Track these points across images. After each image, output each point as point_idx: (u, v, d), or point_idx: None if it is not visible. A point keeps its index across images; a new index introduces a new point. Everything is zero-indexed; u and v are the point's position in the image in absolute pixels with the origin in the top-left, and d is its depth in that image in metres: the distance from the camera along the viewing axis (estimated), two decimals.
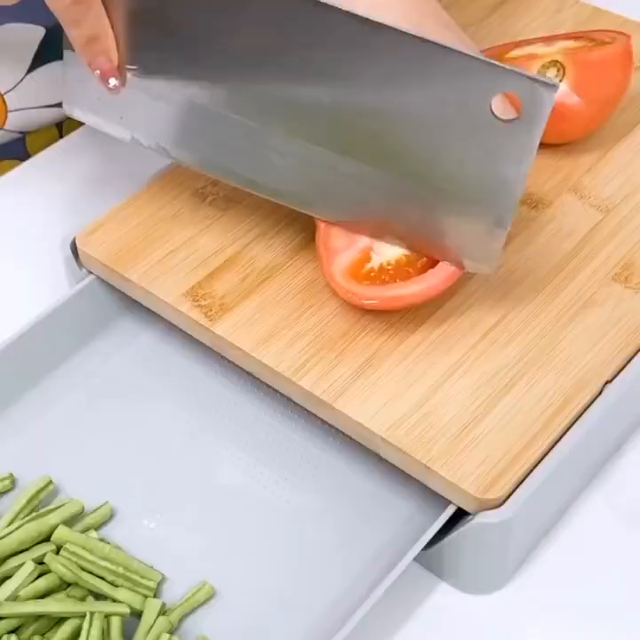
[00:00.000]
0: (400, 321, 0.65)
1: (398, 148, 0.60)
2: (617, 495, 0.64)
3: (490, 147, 0.57)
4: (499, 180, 0.58)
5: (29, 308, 0.70)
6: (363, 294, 0.63)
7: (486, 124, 0.57)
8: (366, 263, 0.64)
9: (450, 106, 0.57)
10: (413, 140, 0.60)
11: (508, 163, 0.58)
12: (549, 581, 0.61)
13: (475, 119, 0.57)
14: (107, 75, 0.63)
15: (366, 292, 0.63)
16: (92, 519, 0.62)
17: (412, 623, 0.60)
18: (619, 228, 0.69)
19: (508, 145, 0.57)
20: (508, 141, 0.57)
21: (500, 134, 0.57)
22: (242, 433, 0.67)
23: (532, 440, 0.59)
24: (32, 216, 0.80)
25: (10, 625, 0.57)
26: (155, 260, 0.69)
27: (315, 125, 0.62)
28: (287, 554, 0.62)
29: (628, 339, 0.63)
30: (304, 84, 0.61)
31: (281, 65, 0.61)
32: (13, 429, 0.68)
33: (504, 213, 0.59)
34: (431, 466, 0.58)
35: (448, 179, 0.60)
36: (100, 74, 0.63)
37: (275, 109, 0.63)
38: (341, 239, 0.65)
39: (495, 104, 0.56)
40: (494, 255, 0.61)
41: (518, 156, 0.57)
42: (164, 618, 0.58)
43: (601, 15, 0.83)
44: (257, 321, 0.66)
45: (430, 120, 0.59)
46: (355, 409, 0.61)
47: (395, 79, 0.58)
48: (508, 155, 0.57)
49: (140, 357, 0.71)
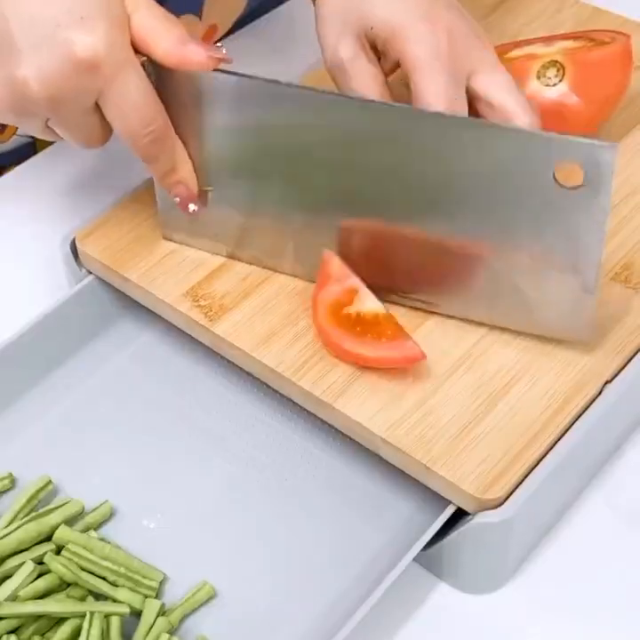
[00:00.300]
0: (400, 321, 0.65)
1: (475, 231, 0.61)
2: (617, 495, 0.64)
3: (561, 216, 0.58)
4: (577, 247, 0.59)
5: (29, 308, 0.70)
6: (335, 339, 0.63)
7: (553, 194, 0.57)
8: (347, 305, 0.63)
9: (516, 182, 0.58)
10: (487, 223, 0.60)
11: (582, 229, 0.58)
12: (549, 581, 0.61)
13: (542, 191, 0.57)
14: (185, 202, 0.66)
15: (331, 334, 0.63)
16: (92, 518, 0.62)
17: (412, 623, 0.60)
18: (619, 228, 0.69)
19: (579, 211, 0.57)
20: (579, 206, 0.57)
21: (570, 202, 0.57)
22: (242, 433, 0.67)
23: (531, 440, 0.59)
24: (32, 216, 0.80)
25: (10, 625, 0.57)
26: (154, 260, 0.69)
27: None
28: (287, 554, 0.62)
29: (627, 339, 0.63)
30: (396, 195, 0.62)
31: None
32: (13, 429, 0.68)
33: (589, 278, 0.59)
34: (431, 466, 0.58)
35: (527, 254, 0.60)
36: (180, 201, 0.66)
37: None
38: (338, 269, 0.64)
39: (558, 173, 0.57)
40: (588, 323, 0.61)
41: (592, 221, 0.57)
42: (164, 618, 0.58)
43: (601, 15, 0.83)
44: (257, 321, 0.66)
45: (501, 199, 0.59)
46: (354, 409, 0.61)
47: (462, 165, 0.59)
48: (580, 221, 0.58)
49: (139, 357, 0.71)
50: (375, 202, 0.62)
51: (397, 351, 0.62)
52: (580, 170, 0.56)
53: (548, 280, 0.61)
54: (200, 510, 0.64)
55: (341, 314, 0.63)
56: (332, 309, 0.64)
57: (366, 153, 0.61)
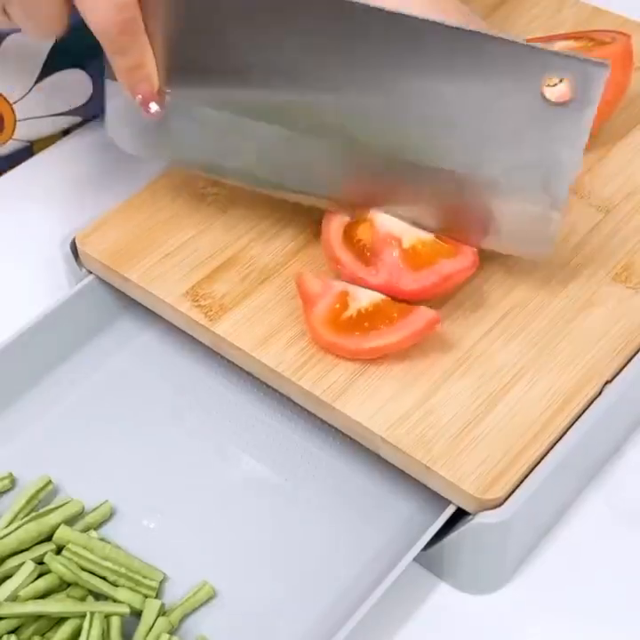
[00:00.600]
0: None
1: (453, 134, 0.61)
2: (617, 495, 0.64)
3: (543, 130, 0.58)
4: (553, 163, 0.59)
5: (29, 308, 0.70)
6: (343, 346, 0.63)
7: (539, 109, 0.58)
8: (344, 311, 0.63)
9: (503, 92, 0.58)
10: (467, 126, 0.60)
11: (562, 145, 0.58)
12: (549, 581, 0.61)
13: (527, 104, 0.58)
14: (148, 100, 0.64)
15: (347, 344, 0.62)
16: (92, 518, 0.62)
17: (412, 623, 0.60)
18: (619, 228, 0.69)
19: (562, 128, 0.58)
20: (562, 124, 0.58)
21: (553, 118, 0.58)
22: (242, 433, 0.67)
23: (532, 440, 0.59)
24: (32, 216, 0.80)
25: (10, 625, 0.57)
26: (154, 259, 0.69)
27: (367, 120, 0.62)
28: (287, 554, 0.62)
29: (627, 339, 0.63)
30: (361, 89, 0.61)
31: (327, 74, 0.61)
32: (13, 429, 0.68)
33: (559, 196, 0.60)
34: (431, 466, 0.58)
35: (503, 164, 0.60)
36: (142, 99, 0.64)
37: (321, 119, 0.63)
38: (317, 284, 0.64)
39: (546, 88, 0.57)
40: (550, 239, 0.62)
41: (572, 139, 0.58)
42: (164, 618, 0.58)
43: (601, 15, 0.83)
44: (257, 321, 0.66)
45: (484, 107, 0.59)
46: (354, 409, 0.61)
47: (447, 69, 0.59)
48: (561, 137, 0.58)
49: (139, 357, 0.71)
50: (351, 110, 0.62)
51: (417, 323, 0.62)
52: (568, 85, 0.56)
53: (517, 197, 0.61)
54: (200, 510, 0.64)
55: (341, 321, 0.63)
56: (331, 323, 0.63)
57: (348, 57, 0.60)
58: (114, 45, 0.61)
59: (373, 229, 0.65)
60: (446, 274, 0.63)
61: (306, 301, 0.64)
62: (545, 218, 0.61)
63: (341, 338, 0.63)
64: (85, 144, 0.85)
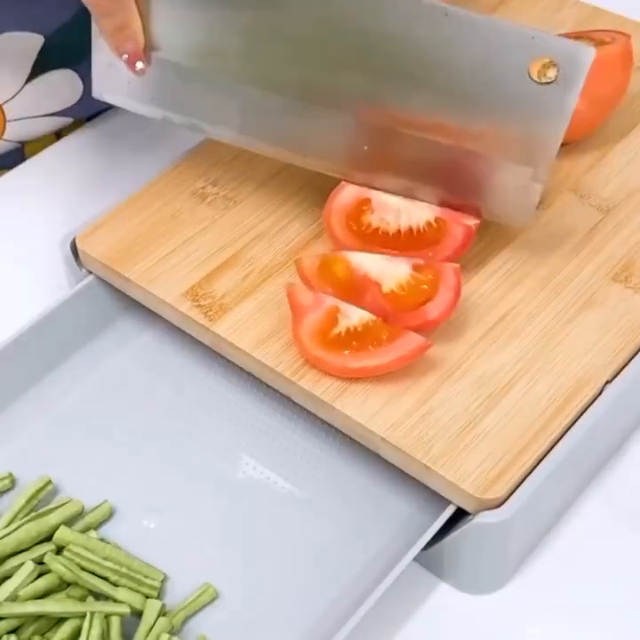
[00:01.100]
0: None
1: (439, 103, 0.63)
2: (617, 495, 0.64)
3: (528, 107, 0.61)
4: (537, 138, 0.61)
5: (29, 307, 0.70)
6: (329, 362, 0.62)
7: (525, 86, 0.60)
8: (333, 327, 0.63)
9: (491, 69, 0.61)
10: (455, 96, 0.62)
11: (546, 122, 0.61)
12: (549, 581, 0.61)
13: (514, 81, 0.60)
14: (133, 59, 0.65)
15: (333, 361, 0.62)
16: (92, 517, 0.62)
17: (412, 623, 0.60)
18: (619, 228, 0.69)
19: (546, 106, 0.60)
20: (546, 102, 0.60)
21: (539, 95, 0.60)
22: (242, 433, 0.67)
23: (531, 440, 0.59)
24: (32, 216, 0.80)
25: (10, 625, 0.57)
26: (154, 259, 0.69)
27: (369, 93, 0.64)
28: (287, 553, 0.62)
29: (627, 338, 0.63)
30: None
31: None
32: (13, 429, 0.68)
33: (541, 168, 0.62)
34: (431, 466, 0.58)
35: (489, 136, 0.63)
36: (128, 58, 0.65)
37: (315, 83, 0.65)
38: (308, 296, 0.64)
39: (532, 68, 0.59)
40: (530, 208, 0.64)
41: (555, 116, 0.60)
42: (165, 618, 0.58)
43: (601, 15, 0.83)
44: (257, 321, 0.66)
45: (473, 81, 0.62)
46: (354, 409, 0.61)
47: (439, 43, 0.61)
48: (545, 115, 0.61)
49: (139, 357, 0.71)
50: (342, 85, 0.64)
51: (404, 348, 0.61)
52: (554, 66, 0.59)
53: (501, 168, 0.63)
54: (200, 510, 0.64)
55: (330, 337, 0.62)
56: (319, 338, 0.62)
57: (340, 35, 0.62)
58: (100, 6, 0.62)
59: (350, 269, 0.64)
60: (431, 319, 0.63)
61: (295, 313, 0.64)
62: (526, 188, 0.64)
63: (328, 354, 0.62)
64: (85, 144, 0.85)
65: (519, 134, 0.62)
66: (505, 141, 0.62)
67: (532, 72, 0.59)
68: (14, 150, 0.86)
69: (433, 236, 0.66)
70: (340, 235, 0.66)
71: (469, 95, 0.62)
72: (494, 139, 0.63)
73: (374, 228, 0.66)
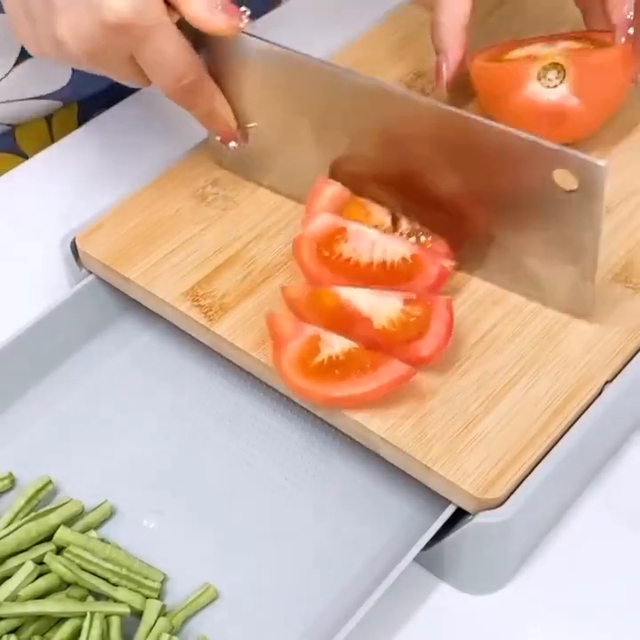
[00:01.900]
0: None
1: (483, 223, 0.65)
2: (617, 495, 0.64)
3: (560, 214, 0.62)
4: (575, 243, 0.62)
5: (29, 307, 0.70)
6: (312, 391, 0.61)
7: (553, 195, 0.61)
8: (315, 356, 0.62)
9: (520, 179, 0.62)
10: (494, 207, 0.64)
11: (580, 228, 0.61)
12: (549, 581, 0.61)
13: (543, 190, 0.61)
14: (226, 139, 0.70)
15: (316, 390, 0.61)
16: (92, 517, 0.62)
17: (412, 623, 0.60)
18: (619, 228, 0.69)
19: (576, 212, 0.61)
20: (575, 209, 0.61)
21: (567, 202, 0.61)
22: (242, 433, 0.67)
23: (531, 440, 0.59)
24: (32, 216, 0.80)
25: (10, 625, 0.57)
26: (154, 259, 0.69)
27: None
28: (287, 554, 0.62)
29: (627, 339, 0.63)
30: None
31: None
32: (13, 429, 0.68)
33: (587, 269, 0.63)
34: (431, 466, 0.58)
35: (536, 239, 0.64)
36: (221, 139, 0.70)
37: None
38: (289, 326, 0.63)
39: (557, 177, 0.60)
40: (587, 302, 0.64)
41: (587, 222, 0.61)
42: (165, 618, 0.58)
43: None
44: (257, 321, 0.65)
45: (505, 191, 0.63)
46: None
47: (467, 164, 0.63)
48: (577, 221, 0.61)
49: (139, 357, 0.71)
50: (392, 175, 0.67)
51: (388, 375, 0.60)
52: (574, 178, 0.59)
53: (552, 264, 0.64)
54: (200, 510, 0.64)
55: (312, 366, 0.61)
56: (300, 366, 0.61)
57: (388, 141, 0.65)
58: (181, 102, 0.67)
59: (340, 304, 0.63)
60: (424, 356, 0.62)
61: (276, 342, 0.63)
62: (578, 286, 0.64)
63: (310, 383, 0.61)
64: (85, 144, 0.84)
65: (558, 238, 0.62)
66: (547, 244, 0.63)
67: (556, 180, 0.60)
68: (4, 133, 0.86)
69: (406, 273, 0.65)
70: (307, 260, 0.65)
71: (504, 199, 0.63)
72: (538, 241, 0.64)
73: (346, 257, 0.65)
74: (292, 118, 0.69)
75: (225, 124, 0.69)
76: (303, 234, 0.66)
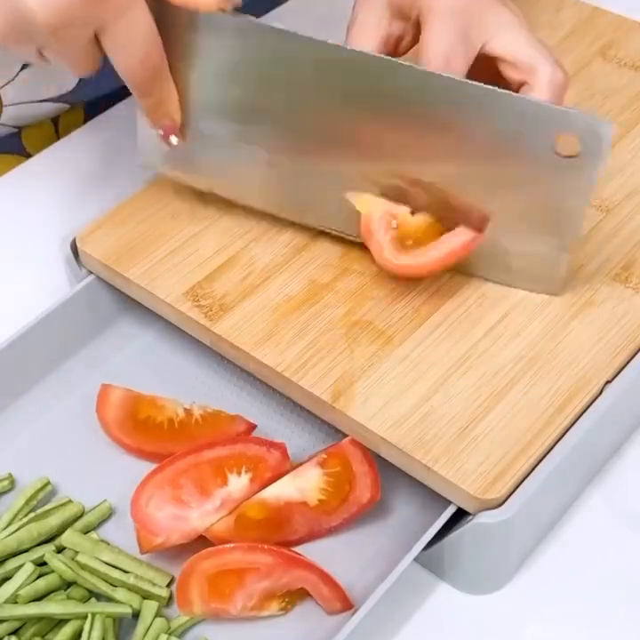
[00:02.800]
0: (400, 321, 0.65)
1: (467, 182, 0.63)
2: (617, 495, 0.64)
3: (554, 180, 0.61)
4: (563, 210, 0.62)
5: (29, 308, 0.70)
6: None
7: (548, 161, 0.60)
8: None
9: (518, 144, 0.61)
10: (483, 174, 0.63)
11: (569, 196, 0.61)
12: (549, 581, 0.61)
13: (538, 157, 0.60)
14: (168, 133, 0.68)
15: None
16: (92, 517, 0.62)
17: (412, 623, 0.60)
18: (619, 228, 0.69)
19: (571, 179, 0.60)
20: (571, 176, 0.60)
21: (564, 169, 0.60)
22: None
23: (532, 440, 0.59)
24: (32, 216, 0.80)
25: (11, 627, 0.57)
26: (155, 259, 0.69)
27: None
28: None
29: (628, 338, 0.63)
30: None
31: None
32: (13, 429, 0.68)
33: (567, 240, 0.63)
34: (431, 466, 0.58)
35: (516, 210, 0.63)
36: (163, 133, 0.68)
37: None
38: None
39: (557, 142, 0.60)
40: (560, 277, 0.64)
41: (580, 189, 0.61)
42: (162, 619, 0.58)
43: (601, 15, 0.83)
44: (257, 321, 0.66)
45: (500, 158, 0.62)
46: (355, 409, 0.61)
47: (467, 122, 0.62)
48: (571, 187, 0.61)
49: (139, 357, 0.71)
50: (365, 147, 0.64)
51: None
52: (577, 141, 0.59)
53: (528, 238, 0.63)
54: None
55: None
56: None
57: (362, 106, 0.63)
58: (140, 89, 0.64)
59: (270, 507, 0.61)
60: (364, 503, 0.61)
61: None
62: (554, 258, 0.64)
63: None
64: (85, 144, 0.85)
65: (544, 207, 0.62)
66: (531, 213, 0.63)
67: (557, 146, 0.59)
68: (11, 135, 0.86)
69: (206, 427, 0.65)
70: (113, 427, 0.66)
71: (495, 166, 0.62)
72: (519, 209, 0.63)
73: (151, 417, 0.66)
74: (247, 104, 0.66)
75: (170, 118, 0.67)
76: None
